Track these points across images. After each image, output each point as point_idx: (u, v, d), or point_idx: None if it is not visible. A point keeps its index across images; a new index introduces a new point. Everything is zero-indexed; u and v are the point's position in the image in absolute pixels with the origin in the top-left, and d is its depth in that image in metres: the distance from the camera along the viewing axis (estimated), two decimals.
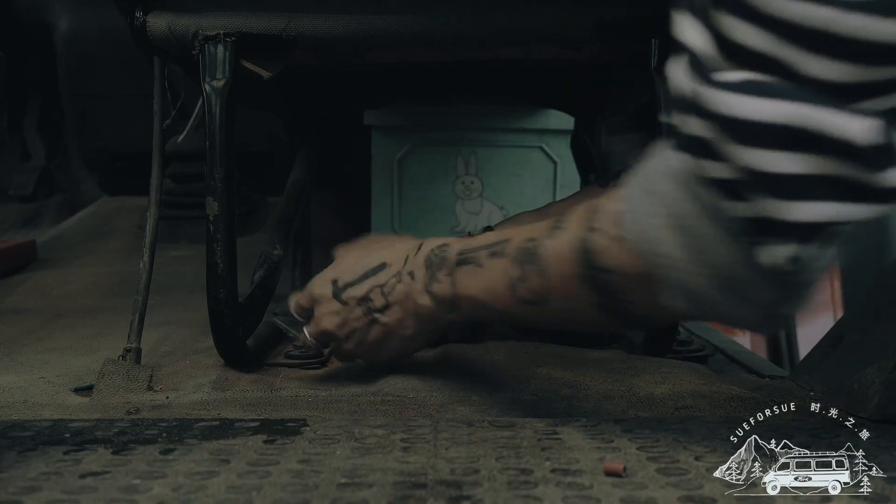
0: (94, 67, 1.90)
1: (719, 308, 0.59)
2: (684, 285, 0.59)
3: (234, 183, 0.92)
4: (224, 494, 0.57)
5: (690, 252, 0.58)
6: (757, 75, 0.52)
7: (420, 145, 1.67)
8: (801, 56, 0.51)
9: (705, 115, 0.54)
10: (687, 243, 0.58)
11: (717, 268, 0.57)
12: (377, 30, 0.94)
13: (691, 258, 0.58)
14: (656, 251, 0.60)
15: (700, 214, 0.57)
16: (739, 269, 0.57)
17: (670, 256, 0.59)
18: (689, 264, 0.58)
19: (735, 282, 0.57)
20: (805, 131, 0.52)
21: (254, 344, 0.99)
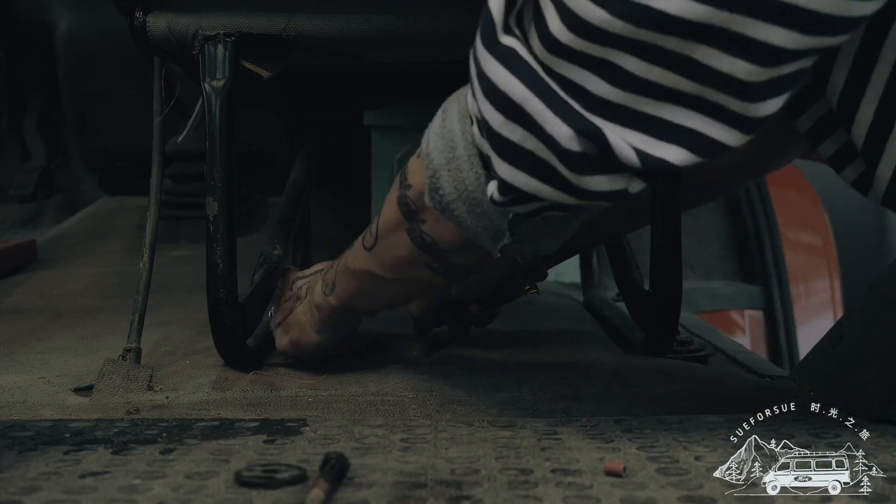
0: (94, 67, 1.89)
1: (466, 224, 0.67)
2: (445, 196, 0.67)
3: (234, 183, 0.92)
4: (224, 494, 0.57)
5: (448, 161, 0.66)
6: (519, 47, 0.59)
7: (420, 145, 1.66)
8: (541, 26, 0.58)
9: (475, 65, 0.62)
10: (447, 153, 0.66)
11: (463, 183, 0.66)
12: (377, 30, 0.94)
13: (448, 167, 0.66)
14: (429, 156, 0.68)
15: (461, 136, 0.65)
16: (478, 193, 0.65)
17: (435, 163, 0.67)
18: (447, 173, 0.66)
19: (475, 202, 0.66)
20: (528, 115, 0.58)
21: (254, 344, 0.99)
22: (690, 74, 0.55)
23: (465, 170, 0.65)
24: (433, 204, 0.68)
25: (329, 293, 0.88)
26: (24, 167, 2.18)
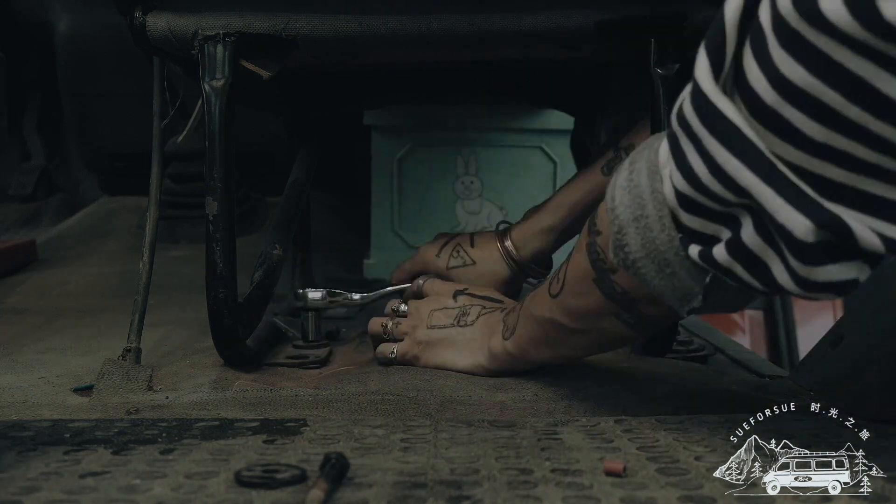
0: (94, 67, 1.89)
1: (653, 283, 0.64)
2: (631, 254, 0.64)
3: (233, 183, 0.92)
4: (224, 494, 0.57)
5: (636, 219, 0.63)
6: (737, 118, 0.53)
7: (420, 145, 1.67)
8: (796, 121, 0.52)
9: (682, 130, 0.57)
10: (634, 210, 0.63)
11: (653, 242, 0.63)
12: (377, 30, 0.94)
13: (636, 225, 0.63)
14: (614, 211, 0.65)
15: (651, 194, 0.62)
16: (669, 255, 0.62)
17: (621, 219, 0.64)
18: (635, 231, 0.63)
19: (665, 263, 0.63)
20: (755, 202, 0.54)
21: (254, 344, 0.99)
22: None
23: (656, 230, 0.62)
24: (617, 261, 0.66)
25: (508, 337, 0.86)
26: (24, 167, 2.18)
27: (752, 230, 0.56)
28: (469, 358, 0.91)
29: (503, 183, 1.68)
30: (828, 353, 0.92)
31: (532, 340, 0.83)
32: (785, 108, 0.51)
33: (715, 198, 0.56)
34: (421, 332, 0.95)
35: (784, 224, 0.53)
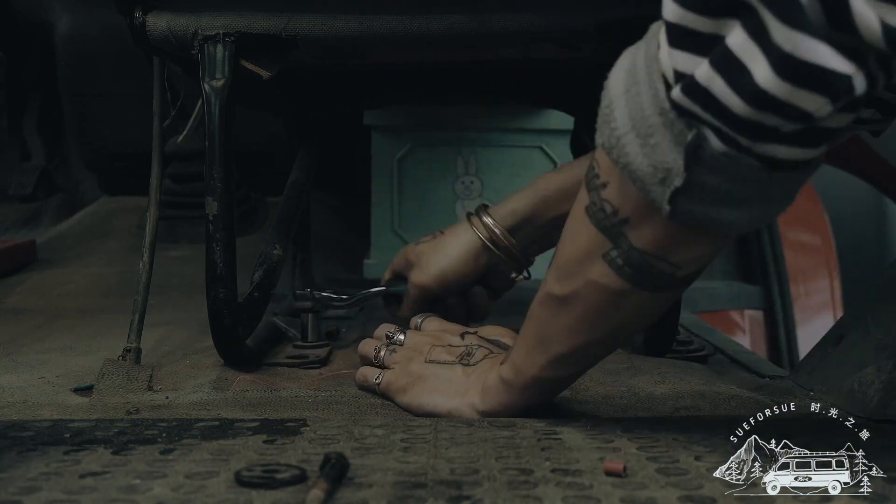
0: (94, 67, 1.89)
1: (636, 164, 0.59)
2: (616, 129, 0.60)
3: (233, 183, 0.92)
4: (224, 494, 0.57)
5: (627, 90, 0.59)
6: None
7: (420, 145, 1.67)
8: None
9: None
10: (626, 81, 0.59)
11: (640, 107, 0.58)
12: (377, 30, 0.94)
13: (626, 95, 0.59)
14: (607, 89, 0.61)
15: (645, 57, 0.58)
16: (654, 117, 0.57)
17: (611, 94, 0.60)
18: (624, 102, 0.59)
19: (649, 130, 0.58)
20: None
21: (254, 344, 0.99)
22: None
23: (644, 91, 0.58)
24: (602, 140, 0.61)
25: (504, 362, 0.77)
26: (24, 167, 2.18)
27: (739, 31, 0.52)
28: (456, 399, 0.80)
29: (503, 183, 1.68)
30: (828, 353, 0.92)
31: (527, 348, 0.74)
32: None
33: (705, 4, 0.53)
34: (416, 365, 0.85)
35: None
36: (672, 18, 0.55)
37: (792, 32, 0.49)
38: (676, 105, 0.56)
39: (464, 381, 0.81)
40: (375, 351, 0.90)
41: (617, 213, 0.63)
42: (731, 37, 0.52)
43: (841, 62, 0.50)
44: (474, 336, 0.87)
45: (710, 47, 0.54)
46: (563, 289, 0.69)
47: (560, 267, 0.69)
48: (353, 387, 0.89)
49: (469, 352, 0.83)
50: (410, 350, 0.87)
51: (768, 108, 0.52)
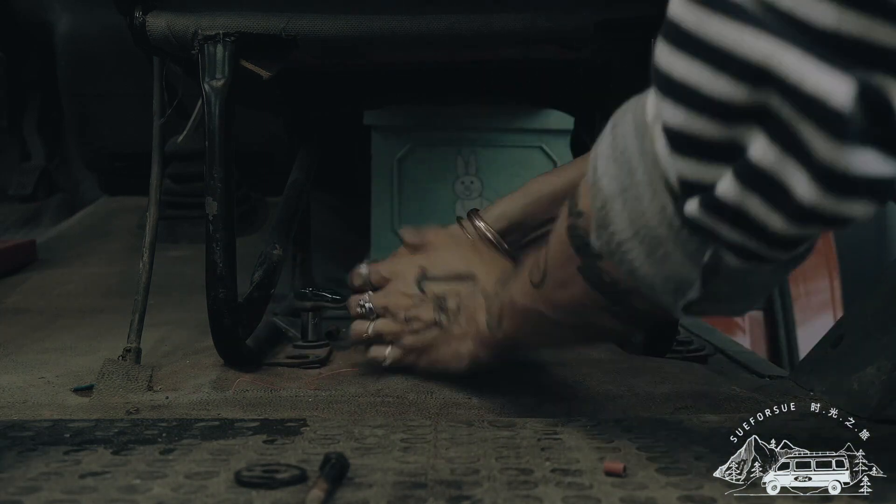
0: (94, 67, 1.89)
1: (642, 271, 0.55)
2: (616, 234, 0.55)
3: (233, 183, 0.92)
4: (224, 494, 0.57)
5: (624, 190, 0.54)
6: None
7: (420, 145, 1.67)
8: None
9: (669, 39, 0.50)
10: (621, 179, 0.54)
11: (642, 216, 0.54)
12: (377, 30, 0.94)
13: (623, 197, 0.54)
14: (597, 184, 0.56)
15: (640, 156, 0.53)
16: (662, 230, 0.53)
17: (605, 192, 0.55)
18: (622, 205, 0.54)
19: (656, 242, 0.53)
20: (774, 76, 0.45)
21: (254, 344, 0.99)
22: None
23: (646, 200, 0.53)
24: (600, 244, 0.56)
25: (496, 328, 0.77)
26: (24, 167, 2.18)
27: (764, 143, 0.46)
28: (466, 358, 0.83)
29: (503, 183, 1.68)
30: (828, 353, 0.92)
31: (522, 332, 0.75)
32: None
33: (719, 110, 0.47)
34: (407, 339, 0.88)
35: (815, 93, 0.43)
36: (675, 123, 0.49)
37: (838, 147, 0.44)
38: (692, 222, 0.51)
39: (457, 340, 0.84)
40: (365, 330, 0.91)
41: (618, 283, 0.58)
42: (757, 148, 0.47)
43: (886, 165, 0.45)
44: (429, 282, 0.87)
45: (725, 156, 0.48)
46: (559, 318, 0.67)
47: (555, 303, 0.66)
48: (354, 386, 0.89)
49: (441, 306, 0.85)
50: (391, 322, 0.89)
51: (812, 222, 0.47)
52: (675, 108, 0.49)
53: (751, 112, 0.46)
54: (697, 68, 0.47)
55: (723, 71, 0.46)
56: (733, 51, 0.45)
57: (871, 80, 0.43)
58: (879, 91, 0.43)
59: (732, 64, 0.46)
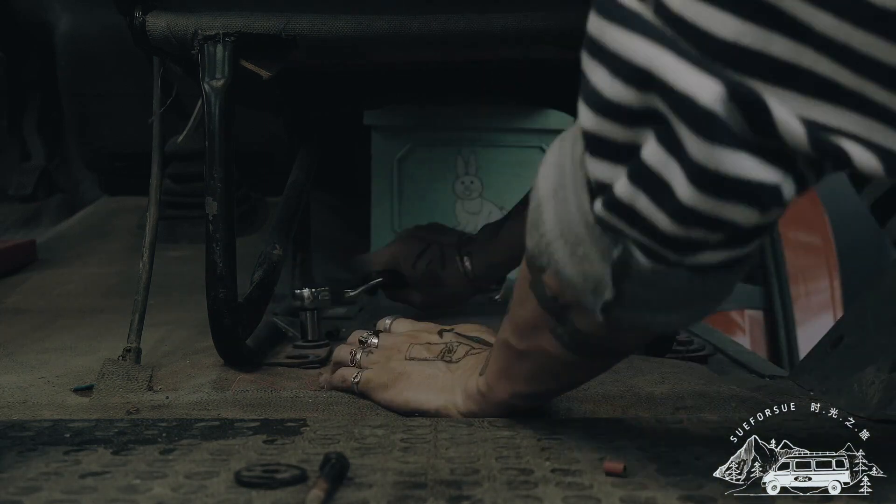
0: (94, 67, 1.89)
1: (566, 272, 0.57)
2: (545, 234, 0.57)
3: (233, 183, 0.92)
4: (224, 494, 0.57)
5: (555, 192, 0.56)
6: (645, 11, 0.49)
7: (420, 145, 1.67)
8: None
9: (587, 48, 0.52)
10: (554, 182, 0.57)
11: (567, 214, 0.56)
12: (377, 30, 0.94)
13: (555, 198, 0.56)
14: (535, 187, 0.58)
15: (571, 160, 0.56)
16: (580, 228, 0.55)
17: (540, 194, 0.58)
18: (553, 206, 0.57)
19: (577, 240, 0.55)
20: (654, 78, 0.47)
21: (254, 344, 0.99)
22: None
23: (571, 200, 0.55)
24: (532, 245, 0.59)
25: (482, 373, 0.76)
26: (24, 167, 2.19)
27: (653, 143, 0.49)
28: (442, 398, 0.79)
29: (503, 183, 1.68)
30: (828, 353, 0.92)
31: (495, 372, 0.74)
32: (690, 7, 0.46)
33: (617, 111, 0.50)
34: (396, 363, 0.83)
35: (686, 91, 0.46)
36: (588, 126, 0.52)
37: (708, 146, 0.46)
38: (601, 220, 0.53)
39: (448, 378, 0.80)
40: (351, 354, 0.88)
41: (557, 298, 0.60)
42: (647, 149, 0.49)
43: (766, 171, 0.46)
44: (452, 333, 0.86)
45: (626, 157, 0.51)
46: (519, 344, 0.68)
47: (516, 324, 0.68)
48: None
49: (450, 348, 0.83)
50: (388, 349, 0.86)
51: (694, 224, 0.49)
52: (587, 111, 0.52)
53: (644, 114, 0.49)
54: (600, 73, 0.51)
55: (617, 75, 0.49)
56: (624, 55, 0.49)
57: (747, 85, 0.45)
58: (759, 99, 0.45)
59: (623, 68, 0.49)
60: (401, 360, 0.83)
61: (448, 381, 0.80)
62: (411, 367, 0.82)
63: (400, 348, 0.85)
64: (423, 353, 0.83)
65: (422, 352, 0.83)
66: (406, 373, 0.82)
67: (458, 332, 0.87)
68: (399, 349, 0.85)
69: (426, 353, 0.83)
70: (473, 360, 0.80)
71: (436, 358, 0.82)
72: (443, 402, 0.78)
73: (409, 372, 0.82)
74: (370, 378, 0.84)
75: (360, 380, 0.85)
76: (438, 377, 0.80)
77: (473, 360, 0.80)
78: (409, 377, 0.81)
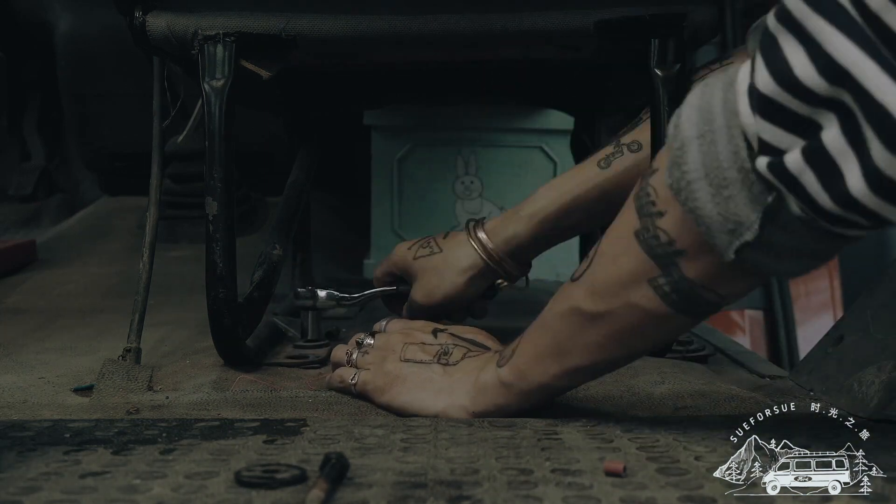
0: (94, 67, 1.90)
1: (705, 210, 0.59)
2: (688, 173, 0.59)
3: (233, 183, 0.92)
4: (224, 494, 0.57)
5: (702, 134, 0.59)
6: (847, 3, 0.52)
7: (420, 145, 1.67)
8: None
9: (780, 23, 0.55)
10: (700, 126, 0.59)
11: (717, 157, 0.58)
12: (377, 30, 0.94)
13: (700, 140, 0.59)
14: (678, 127, 0.60)
15: (723, 106, 0.58)
16: (732, 172, 0.58)
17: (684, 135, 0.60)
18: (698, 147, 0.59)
19: (724, 182, 0.58)
20: (853, 81, 0.51)
21: (254, 344, 0.99)
22: None
23: (721, 143, 0.58)
24: (671, 181, 0.61)
25: (503, 363, 0.75)
26: (24, 167, 2.19)
27: (836, 131, 0.53)
28: (446, 399, 0.78)
29: (503, 183, 1.68)
30: (828, 353, 0.92)
31: (537, 355, 0.73)
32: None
33: (805, 93, 0.53)
34: (392, 364, 0.83)
35: (883, 102, 0.50)
36: (766, 91, 0.55)
37: (890, 153, 0.50)
38: (760, 175, 0.57)
39: (446, 381, 0.79)
40: (348, 355, 0.88)
41: (673, 243, 0.63)
42: (828, 133, 0.53)
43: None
44: (447, 335, 0.86)
45: (803, 130, 0.54)
46: (597, 306, 0.68)
47: (596, 285, 0.68)
48: None
49: (446, 350, 0.82)
50: (383, 350, 0.85)
51: (855, 212, 0.53)
52: (770, 78, 0.55)
53: (830, 102, 0.53)
54: (797, 52, 0.53)
55: (814, 62, 0.53)
56: (826, 48, 0.52)
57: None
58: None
59: (822, 58, 0.52)
60: (396, 362, 0.83)
61: (446, 384, 0.79)
62: (407, 370, 0.82)
63: (395, 348, 0.84)
64: (418, 355, 0.83)
65: (417, 353, 0.83)
66: (401, 376, 0.81)
67: (453, 332, 0.86)
68: (394, 349, 0.84)
69: (422, 355, 0.83)
70: (473, 363, 0.80)
71: (432, 360, 0.82)
72: (442, 405, 0.78)
73: (405, 375, 0.81)
74: (367, 380, 0.84)
75: (357, 381, 0.84)
76: (435, 380, 0.80)
77: (473, 363, 0.80)
78: (404, 380, 0.81)
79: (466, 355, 0.82)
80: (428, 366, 0.81)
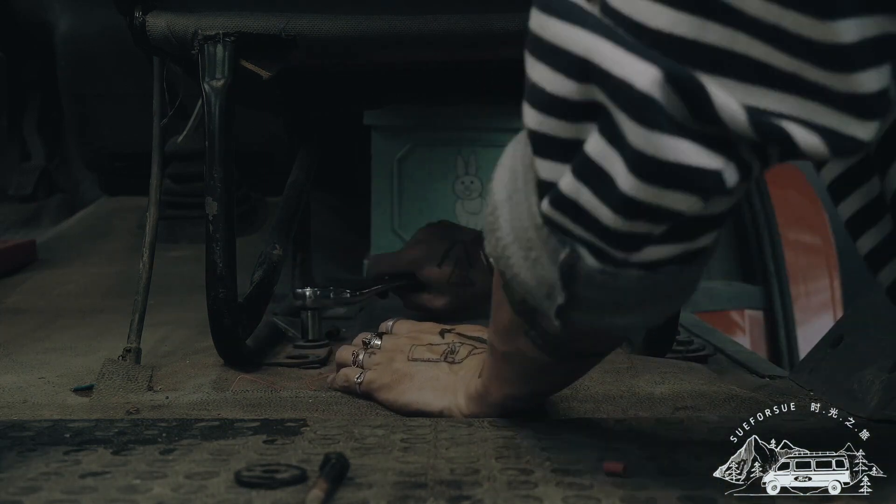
0: (94, 67, 1.89)
1: (522, 277, 0.56)
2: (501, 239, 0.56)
3: (233, 183, 0.92)
4: (224, 494, 0.57)
5: (510, 196, 0.55)
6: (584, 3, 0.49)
7: (420, 145, 1.67)
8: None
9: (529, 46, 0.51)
10: (509, 186, 0.56)
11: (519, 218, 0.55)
12: (377, 30, 0.94)
13: (509, 203, 0.55)
14: (491, 191, 0.58)
15: (522, 161, 0.55)
16: (532, 231, 0.54)
17: (495, 198, 0.57)
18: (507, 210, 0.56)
19: (529, 243, 0.54)
20: (593, 67, 0.47)
21: (254, 344, 0.99)
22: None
23: (523, 203, 0.54)
24: (489, 250, 0.58)
25: (481, 374, 0.76)
26: (24, 167, 2.19)
27: (596, 136, 0.48)
28: (445, 400, 0.79)
29: None
30: (828, 353, 0.92)
31: (489, 374, 0.74)
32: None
33: (562, 106, 0.49)
34: (400, 363, 0.83)
35: (623, 77, 0.46)
36: (532, 125, 0.52)
37: (647, 132, 0.46)
38: (547, 219, 0.52)
39: (451, 379, 0.80)
40: (354, 356, 0.88)
41: (525, 301, 0.59)
42: (590, 142, 0.49)
43: (707, 157, 0.46)
44: (454, 334, 0.86)
45: (571, 154, 0.50)
46: (500, 346, 0.68)
47: (495, 327, 0.68)
48: None
49: (453, 349, 0.83)
50: (391, 350, 0.86)
51: (637, 215, 0.48)
52: (531, 111, 0.52)
53: (587, 108, 0.49)
54: (542, 69, 0.50)
55: (558, 69, 0.49)
56: (563, 47, 0.48)
57: (689, 73, 0.45)
58: (697, 83, 0.45)
59: (563, 60, 0.48)
60: (404, 361, 0.83)
61: (451, 382, 0.80)
62: (415, 368, 0.82)
63: (402, 349, 0.85)
64: (425, 354, 0.83)
65: (424, 353, 0.83)
66: (409, 374, 0.82)
67: (460, 332, 0.87)
68: (402, 350, 0.85)
69: (429, 354, 0.83)
70: (476, 361, 0.80)
71: (439, 359, 0.82)
72: (446, 403, 0.79)
73: (413, 373, 0.82)
74: (373, 378, 0.84)
75: (362, 380, 0.85)
76: (441, 378, 0.80)
77: (476, 361, 0.80)
78: (412, 378, 0.81)
79: (472, 352, 0.82)
80: (435, 364, 0.82)
